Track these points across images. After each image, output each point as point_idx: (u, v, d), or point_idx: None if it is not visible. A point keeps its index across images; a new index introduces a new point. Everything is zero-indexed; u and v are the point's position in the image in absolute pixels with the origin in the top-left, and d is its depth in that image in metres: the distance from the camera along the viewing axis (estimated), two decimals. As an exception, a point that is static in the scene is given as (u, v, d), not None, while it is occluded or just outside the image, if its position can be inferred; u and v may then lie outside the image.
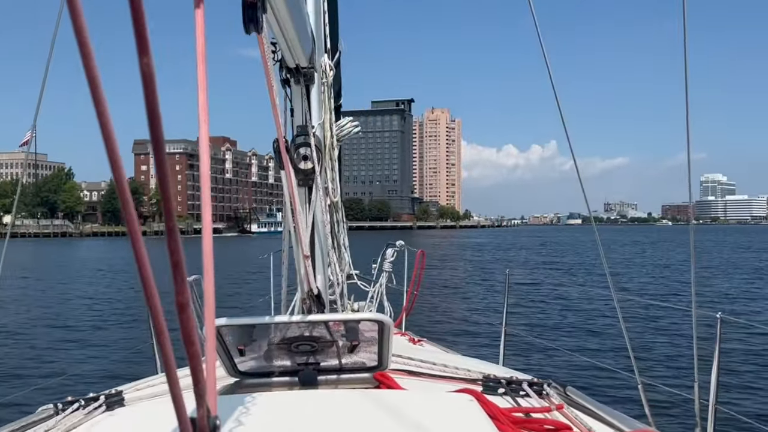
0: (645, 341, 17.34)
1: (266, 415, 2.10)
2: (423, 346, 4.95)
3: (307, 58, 3.13)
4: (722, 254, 65.41)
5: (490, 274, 41.10)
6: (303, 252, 2.83)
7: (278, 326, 2.80)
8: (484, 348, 12.98)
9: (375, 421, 2.11)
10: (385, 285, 6.78)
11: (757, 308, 24.11)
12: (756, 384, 13.16)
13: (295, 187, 2.68)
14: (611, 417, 2.50)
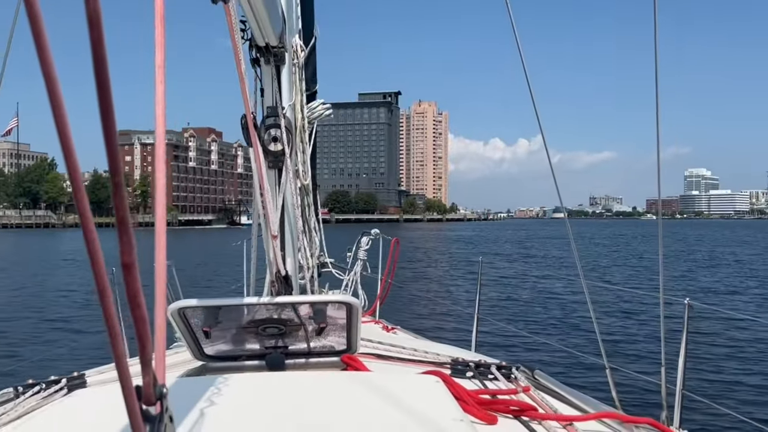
0: (615, 327, 17.73)
1: (231, 397, 2.07)
2: (396, 334, 4.97)
3: (277, 37, 3.09)
4: (704, 248, 66.10)
5: (471, 265, 41.34)
6: (271, 233, 2.79)
7: (245, 308, 2.74)
8: (458, 335, 12.99)
9: (340, 402, 2.09)
10: (359, 273, 6.84)
11: (736, 301, 24.37)
12: (723, 369, 13.40)
13: (263, 167, 2.64)
14: (577, 399, 2.53)
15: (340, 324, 2.81)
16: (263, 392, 2.19)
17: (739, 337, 16.44)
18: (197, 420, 1.86)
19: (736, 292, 27.04)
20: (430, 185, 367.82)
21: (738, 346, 15.59)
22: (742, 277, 34.06)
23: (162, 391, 0.80)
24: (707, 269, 40.12)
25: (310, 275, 3.75)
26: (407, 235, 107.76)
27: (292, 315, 2.76)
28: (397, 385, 2.25)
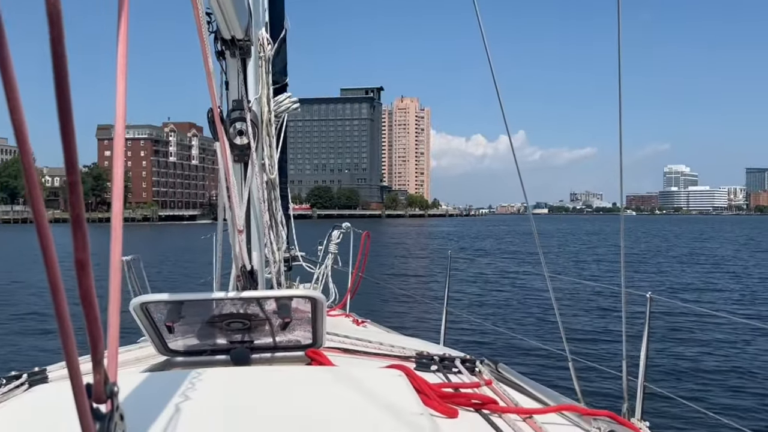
0: (579, 321, 18.03)
1: (193, 391, 2.06)
2: (366, 327, 5.00)
3: (243, 30, 3.06)
4: (681, 243, 66.87)
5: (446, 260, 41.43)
6: (237, 227, 2.78)
7: (209, 303, 2.72)
8: (427, 329, 13.05)
9: (303, 396, 2.09)
10: (330, 267, 6.85)
11: (708, 296, 24.67)
12: (684, 361, 13.69)
13: (229, 161, 2.61)
14: (539, 392, 2.56)
15: (306, 318, 2.81)
16: (226, 386, 2.18)
17: (700, 331, 16.79)
18: (159, 414, 1.84)
19: (706, 289, 27.40)
20: (412, 181, 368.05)
21: (699, 339, 15.94)
22: (715, 273, 34.50)
23: (113, 390, 0.80)
24: (685, 265, 40.54)
25: (277, 269, 3.74)
26: (389, 231, 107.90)
27: (257, 310, 2.74)
28: (359, 379, 2.27)
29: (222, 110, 3.19)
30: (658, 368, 12.55)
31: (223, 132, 2.50)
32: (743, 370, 13.08)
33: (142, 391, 2.08)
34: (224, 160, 2.60)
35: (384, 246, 58.93)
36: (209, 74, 2.14)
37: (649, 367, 4.44)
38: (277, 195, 3.87)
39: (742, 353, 14.47)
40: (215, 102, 2.34)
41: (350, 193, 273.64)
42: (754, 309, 21.35)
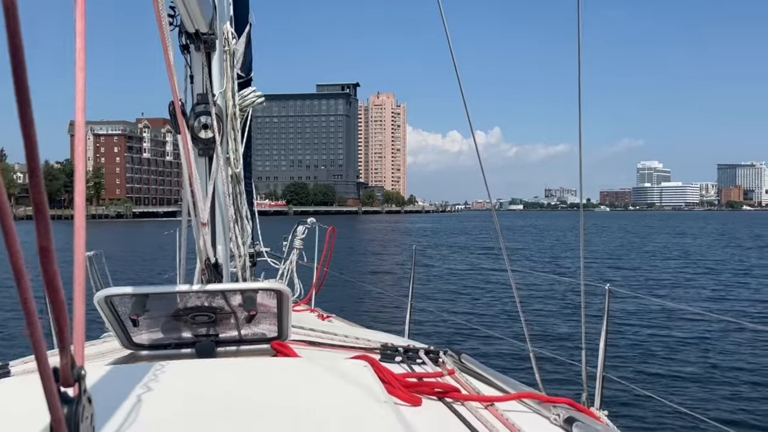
0: (541, 312, 18.47)
1: (157, 384, 2.06)
2: (332, 322, 5.02)
3: (207, 24, 3.06)
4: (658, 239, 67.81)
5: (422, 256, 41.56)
6: (200, 221, 2.77)
7: (174, 296, 2.70)
8: (393, 322, 13.18)
9: (268, 387, 2.11)
10: (295, 262, 6.83)
11: (677, 290, 25.04)
12: (642, 351, 14.06)
13: (191, 154, 2.61)
14: (500, 381, 2.62)
15: (271, 311, 2.81)
16: (190, 378, 2.18)
17: (658, 322, 17.23)
18: (123, 406, 1.84)
19: (677, 284, 27.79)
20: (388, 177, 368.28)
21: (657, 330, 16.35)
22: (687, 268, 35.05)
23: (80, 373, 0.79)
24: (658, 260, 41.11)
25: (242, 263, 3.75)
26: (365, 227, 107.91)
27: (222, 303, 2.74)
28: (324, 370, 2.29)
29: (186, 104, 3.20)
30: (618, 358, 12.84)
31: (185, 125, 2.50)
32: (700, 359, 13.44)
33: (106, 384, 2.07)
34: (186, 153, 2.59)
35: (359, 242, 58.99)
36: (170, 67, 2.13)
37: (609, 357, 4.54)
38: (242, 189, 3.87)
39: (700, 343, 14.85)
40: (176, 95, 2.33)
41: (326, 189, 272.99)
42: (719, 303, 21.78)
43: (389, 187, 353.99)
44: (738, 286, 26.69)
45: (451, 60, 4.09)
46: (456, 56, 4.05)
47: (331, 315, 5.33)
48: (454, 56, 4.13)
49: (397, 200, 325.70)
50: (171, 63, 2.12)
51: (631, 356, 13.54)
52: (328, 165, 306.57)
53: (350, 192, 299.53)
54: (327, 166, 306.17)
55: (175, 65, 2.15)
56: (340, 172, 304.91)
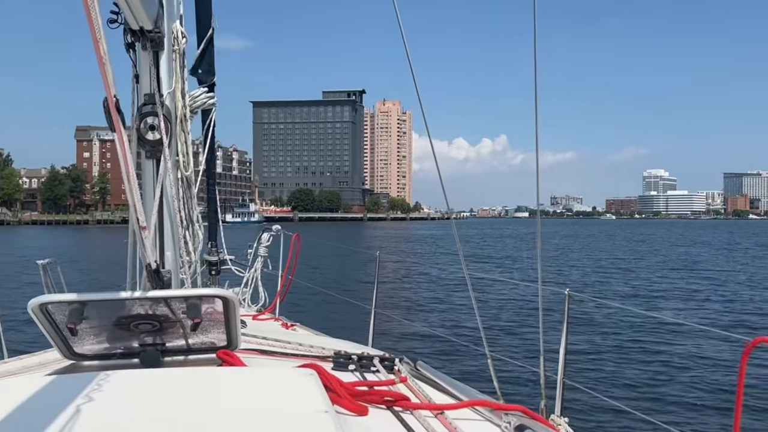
0: (500, 318, 18.71)
1: (97, 395, 2.00)
2: (295, 331, 4.97)
3: (152, 22, 2.97)
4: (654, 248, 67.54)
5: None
6: (140, 225, 2.67)
7: (114, 304, 2.58)
8: (358, 330, 13.41)
9: (209, 398, 2.05)
10: (260, 270, 6.79)
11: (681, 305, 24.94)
12: (603, 356, 14.17)
13: (128, 153, 2.49)
14: (454, 388, 2.60)
15: (219, 319, 2.71)
16: (130, 388, 2.12)
17: (619, 327, 17.34)
18: (62, 418, 1.79)
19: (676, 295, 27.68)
20: (394, 184, 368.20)
21: (618, 335, 16.43)
22: (693, 279, 34.92)
23: None
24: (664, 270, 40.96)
25: (192, 270, 3.66)
26: (371, 234, 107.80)
27: (167, 311, 2.64)
28: (268, 380, 2.25)
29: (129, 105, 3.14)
30: (579, 364, 12.90)
31: (120, 122, 2.37)
32: (661, 364, 13.52)
33: (44, 395, 2.01)
34: (122, 152, 2.45)
35: (365, 248, 58.81)
36: (102, 63, 2.04)
37: (569, 362, 4.48)
38: (193, 193, 3.75)
39: (661, 348, 14.97)
40: (110, 90, 2.23)
41: (332, 195, 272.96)
42: (693, 310, 21.98)
43: (395, 194, 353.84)
44: (711, 291, 27.17)
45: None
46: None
47: (295, 323, 5.26)
48: (412, 65, 4.11)
49: (402, 207, 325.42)
50: (103, 57, 2.02)
51: (592, 361, 13.62)
52: (334, 171, 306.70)
53: (356, 198, 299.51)
54: (332, 172, 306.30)
55: (109, 59, 2.05)
56: (346, 179, 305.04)
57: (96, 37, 1.95)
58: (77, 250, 55.29)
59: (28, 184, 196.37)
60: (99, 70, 2.07)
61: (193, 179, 3.69)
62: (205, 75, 4.89)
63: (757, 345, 2.45)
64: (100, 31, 1.95)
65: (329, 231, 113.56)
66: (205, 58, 4.96)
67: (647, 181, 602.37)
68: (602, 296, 23.40)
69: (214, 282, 6.01)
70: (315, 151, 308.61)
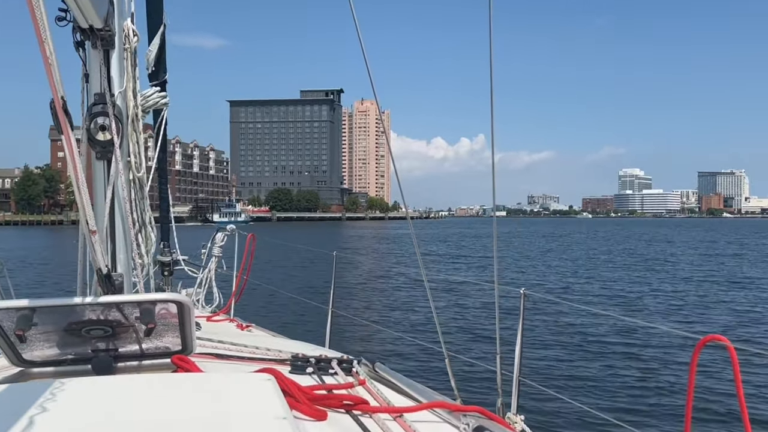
0: (456, 318, 18.82)
1: (48, 404, 1.97)
2: (251, 332, 4.94)
3: (102, 20, 2.89)
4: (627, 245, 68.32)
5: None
6: (90, 228, 2.58)
7: (65, 309, 2.52)
8: (314, 331, 13.48)
9: (163, 405, 2.02)
10: (214, 270, 6.70)
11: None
12: (558, 355, 14.37)
13: (77, 155, 2.42)
14: (412, 390, 2.61)
15: (173, 324, 2.67)
16: (81, 397, 2.07)
17: (575, 326, 17.59)
18: (9, 428, 1.74)
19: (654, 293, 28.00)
20: (372, 183, 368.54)
21: (573, 334, 16.68)
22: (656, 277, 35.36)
23: None
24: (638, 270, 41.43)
25: (145, 273, 3.63)
26: (349, 234, 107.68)
27: (119, 316, 2.59)
28: (224, 385, 2.22)
29: (79, 105, 3.06)
30: (534, 362, 13.11)
31: (67, 124, 2.29)
32: (616, 362, 13.76)
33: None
34: (70, 154, 2.36)
35: (339, 248, 58.55)
36: (47, 60, 2.00)
37: (525, 361, 4.51)
38: (145, 194, 3.69)
39: (615, 346, 15.21)
40: (56, 91, 2.17)
41: (310, 195, 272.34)
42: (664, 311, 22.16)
43: (373, 193, 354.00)
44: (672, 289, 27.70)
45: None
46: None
47: (250, 324, 5.21)
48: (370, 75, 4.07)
49: (381, 206, 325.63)
50: (49, 56, 1.99)
51: (548, 360, 13.81)
52: (312, 171, 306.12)
53: (334, 198, 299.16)
54: (311, 172, 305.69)
55: (55, 59, 2.01)
56: (324, 178, 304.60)
57: (41, 37, 1.90)
58: (46, 251, 54.41)
59: (1, 184, 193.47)
60: (44, 70, 2.02)
61: (145, 180, 3.63)
62: (157, 73, 4.85)
63: (708, 342, 2.47)
64: (46, 30, 1.90)
65: (307, 231, 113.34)
66: (157, 56, 4.88)
67: (623, 180, 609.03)
68: (557, 295, 23.73)
69: (167, 283, 5.95)
70: (293, 150, 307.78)
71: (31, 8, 1.83)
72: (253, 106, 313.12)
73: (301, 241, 69.50)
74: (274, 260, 36.90)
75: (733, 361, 2.35)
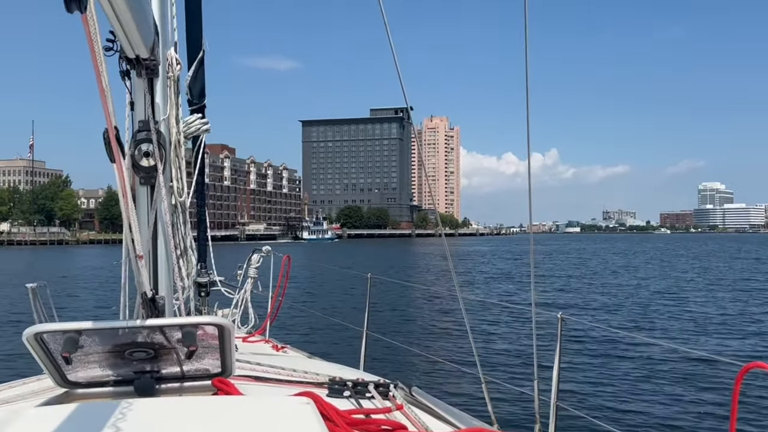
0: (493, 342, 18.51)
1: (91, 424, 2.00)
2: (287, 353, 4.94)
3: (148, 50, 2.96)
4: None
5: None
6: (137, 253, 2.66)
7: (108, 332, 2.59)
8: (349, 353, 13.39)
9: (205, 428, 2.04)
10: (250, 291, 6.70)
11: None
12: (596, 381, 14.03)
13: (127, 183, 2.51)
14: (450, 415, 2.61)
15: (215, 346, 2.71)
16: (125, 419, 2.10)
17: (613, 351, 17.15)
18: None
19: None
20: (442, 200, 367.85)
21: (611, 359, 16.25)
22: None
23: None
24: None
25: (186, 296, 3.67)
26: (419, 251, 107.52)
27: (161, 338, 2.64)
28: (264, 409, 2.25)
29: (129, 131, 3.15)
30: (572, 388, 12.85)
31: (120, 153, 2.40)
32: (655, 389, 13.44)
33: (38, 424, 2.00)
34: (121, 183, 2.46)
35: (411, 267, 58.45)
36: (103, 92, 2.07)
37: (562, 386, 4.41)
38: (187, 218, 3.77)
39: (654, 373, 14.83)
40: (110, 121, 2.24)
41: (380, 212, 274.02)
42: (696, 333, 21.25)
43: (443, 210, 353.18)
44: None
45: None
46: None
47: (286, 345, 5.23)
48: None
49: (450, 223, 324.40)
50: (105, 88, 2.05)
51: (586, 386, 13.54)
52: (382, 188, 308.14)
53: (404, 215, 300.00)
54: (381, 189, 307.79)
55: (110, 90, 2.09)
56: (394, 195, 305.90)
57: (98, 69, 1.97)
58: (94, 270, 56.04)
59: (86, 204, 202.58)
60: (100, 101, 2.07)
61: (186, 204, 3.70)
62: (196, 98, 4.96)
63: (751, 370, 2.42)
64: (102, 63, 1.97)
65: (378, 248, 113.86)
66: (195, 81, 5.00)
67: (703, 194, 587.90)
68: (595, 320, 23.24)
69: (203, 303, 6.00)
70: (363, 168, 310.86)
71: (90, 42, 1.88)
72: (324, 125, 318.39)
73: (373, 259, 69.62)
74: (306, 281, 37.33)
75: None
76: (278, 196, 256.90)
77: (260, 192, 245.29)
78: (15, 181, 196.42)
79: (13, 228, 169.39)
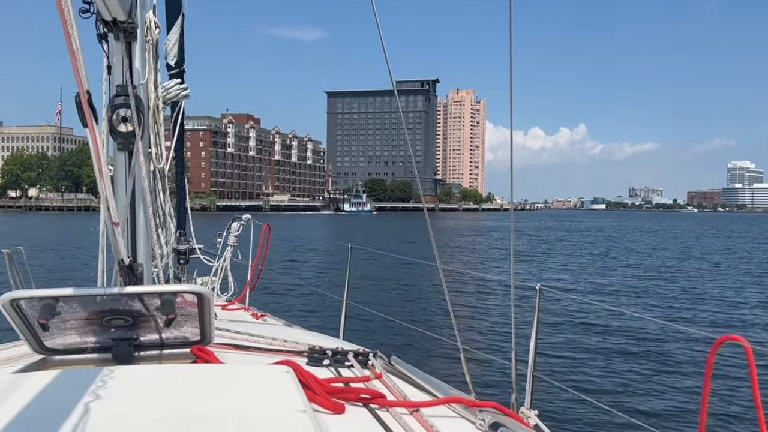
0: (474, 313, 18.82)
1: (69, 392, 1.99)
2: (266, 321, 4.95)
3: (125, 12, 2.89)
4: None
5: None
6: (113, 220, 2.59)
7: (87, 299, 2.55)
8: (329, 322, 12.98)
9: (182, 395, 2.03)
10: (230, 260, 6.72)
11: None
12: (573, 351, 14.34)
13: (101, 148, 2.43)
14: (428, 384, 2.61)
15: (194, 314, 2.68)
16: (103, 386, 2.08)
17: (590, 321, 17.48)
18: (33, 416, 1.78)
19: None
20: (466, 174, 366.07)
21: (588, 329, 16.58)
22: None
23: None
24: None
25: (164, 264, 3.65)
26: (441, 225, 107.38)
27: (140, 306, 2.61)
28: (244, 377, 2.24)
29: (101, 95, 3.10)
30: (549, 358, 13.07)
31: (92, 117, 2.31)
32: (630, 359, 13.73)
33: (13, 391, 1.99)
34: (95, 148, 2.39)
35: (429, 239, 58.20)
36: (73, 53, 1.99)
37: (540, 357, 4.40)
38: (166, 185, 3.72)
39: (630, 343, 15.14)
40: (81, 85, 2.17)
41: (404, 185, 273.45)
42: None
43: (467, 184, 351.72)
44: None
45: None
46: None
47: (265, 314, 5.23)
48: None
49: (474, 197, 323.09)
50: (75, 49, 1.98)
51: (563, 356, 13.75)
52: (406, 161, 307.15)
53: (427, 189, 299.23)
54: (405, 162, 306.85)
55: (82, 52, 2.00)
56: (418, 169, 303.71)
57: (68, 30, 1.90)
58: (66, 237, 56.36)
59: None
60: (71, 64, 2.01)
61: (165, 171, 3.67)
62: (175, 61, 4.90)
63: (725, 342, 2.43)
64: (73, 24, 1.90)
65: (402, 221, 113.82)
66: (176, 45, 4.95)
67: (732, 173, 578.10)
68: (574, 290, 23.38)
69: (182, 271, 5.99)
70: (387, 141, 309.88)
71: (59, 3, 1.82)
72: (349, 97, 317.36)
73: (401, 234, 69.40)
74: (288, 251, 37.14)
75: (749, 361, 2.33)
76: (302, 167, 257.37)
77: (285, 163, 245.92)
78: (43, 147, 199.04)
79: (41, 194, 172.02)
